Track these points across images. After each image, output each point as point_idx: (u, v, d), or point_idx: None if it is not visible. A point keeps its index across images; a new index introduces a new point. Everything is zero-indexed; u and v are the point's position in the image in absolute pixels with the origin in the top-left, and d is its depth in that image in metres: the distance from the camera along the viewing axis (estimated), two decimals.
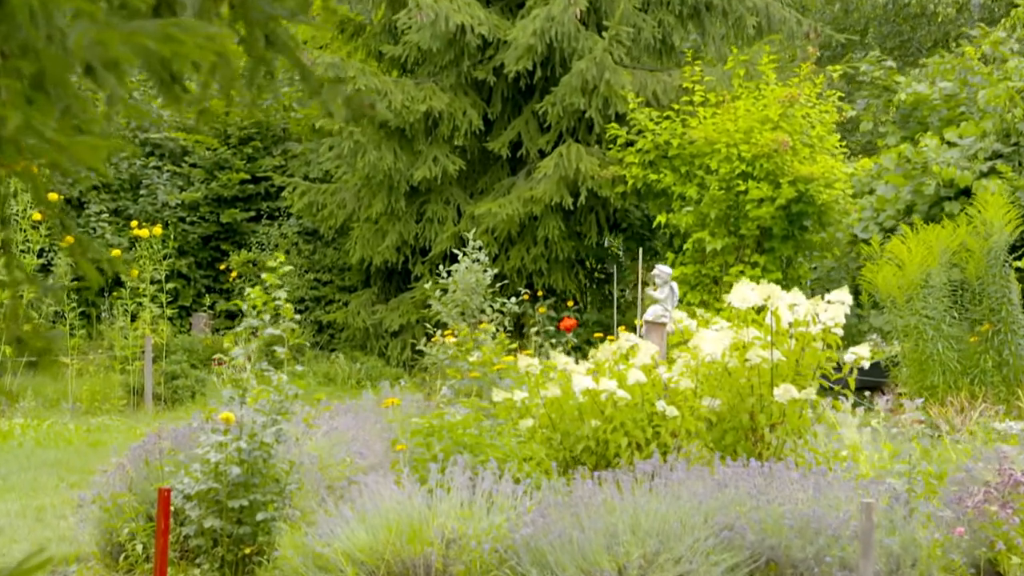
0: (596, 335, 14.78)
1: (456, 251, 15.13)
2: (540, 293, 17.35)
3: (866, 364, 8.96)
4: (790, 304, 9.01)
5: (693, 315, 9.70)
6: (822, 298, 9.04)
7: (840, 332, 8.94)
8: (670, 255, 16.97)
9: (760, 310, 9.08)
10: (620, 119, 17.29)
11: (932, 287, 14.79)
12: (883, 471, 8.75)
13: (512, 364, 10.38)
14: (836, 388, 9.04)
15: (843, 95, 17.56)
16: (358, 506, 7.17)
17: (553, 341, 14.34)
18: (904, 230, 15.44)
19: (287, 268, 8.35)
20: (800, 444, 9.00)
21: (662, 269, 10.15)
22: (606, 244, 18.74)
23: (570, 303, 16.83)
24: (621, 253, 18.11)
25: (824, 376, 9.00)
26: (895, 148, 17.32)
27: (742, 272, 16.20)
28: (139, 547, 7.45)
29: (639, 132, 16.98)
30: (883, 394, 13.18)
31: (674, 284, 10.14)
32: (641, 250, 14.90)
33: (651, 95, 17.39)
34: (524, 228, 17.54)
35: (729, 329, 8.93)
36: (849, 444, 9.70)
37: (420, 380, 14.90)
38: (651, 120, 16.85)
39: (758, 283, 9.15)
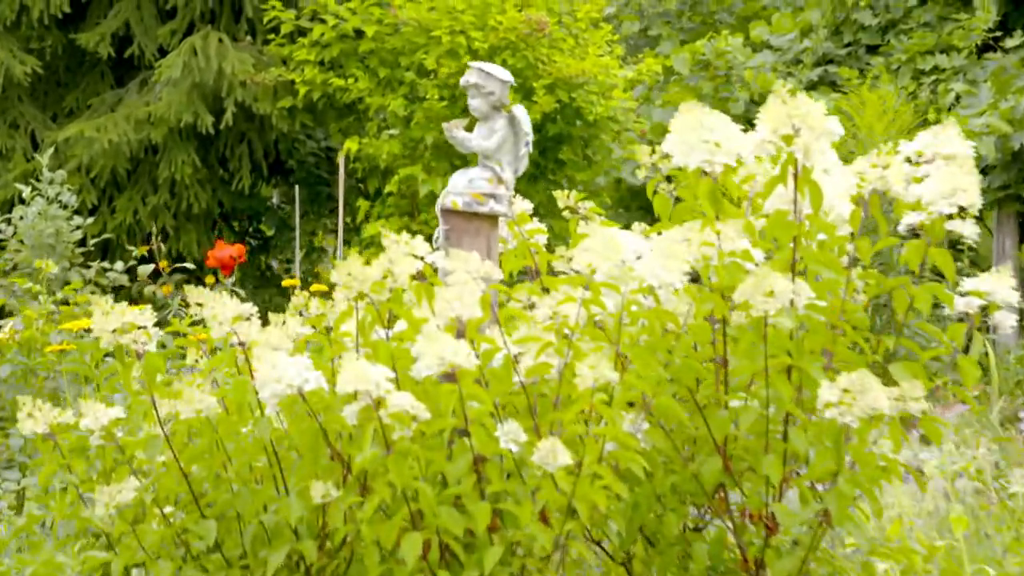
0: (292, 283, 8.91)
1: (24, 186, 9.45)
2: (164, 265, 11.46)
3: (1014, 324, 3.51)
4: (824, 169, 3.48)
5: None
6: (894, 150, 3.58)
7: (974, 233, 3.47)
8: (363, 203, 11.42)
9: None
10: None
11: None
12: None
13: (95, 342, 4.55)
14: (935, 379, 3.55)
15: None
16: None
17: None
18: None
19: None
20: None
21: (492, 69, 4.26)
22: (269, 194, 13.12)
23: (210, 280, 11.01)
24: (287, 207, 12.52)
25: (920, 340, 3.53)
26: (687, 47, 12.11)
27: None
28: None
29: (315, 16, 11.35)
30: None
31: (521, 112, 4.29)
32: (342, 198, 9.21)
33: None
34: (139, 165, 11.86)
35: (684, 227, 3.30)
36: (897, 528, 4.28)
37: None
38: None
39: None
